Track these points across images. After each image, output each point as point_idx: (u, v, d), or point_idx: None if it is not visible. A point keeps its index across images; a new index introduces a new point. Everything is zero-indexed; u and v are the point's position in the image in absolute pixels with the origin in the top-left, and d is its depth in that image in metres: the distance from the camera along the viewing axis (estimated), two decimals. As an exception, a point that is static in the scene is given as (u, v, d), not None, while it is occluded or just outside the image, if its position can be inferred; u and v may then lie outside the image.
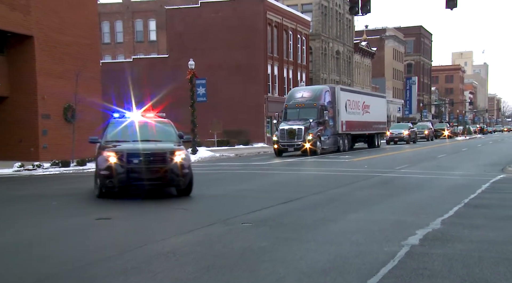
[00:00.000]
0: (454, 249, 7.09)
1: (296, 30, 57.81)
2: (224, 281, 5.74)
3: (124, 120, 13.43)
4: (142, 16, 69.05)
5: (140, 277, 5.91)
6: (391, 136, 50.00)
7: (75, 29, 29.70)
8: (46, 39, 27.98)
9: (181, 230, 8.59)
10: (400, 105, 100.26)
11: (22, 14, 26.88)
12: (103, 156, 12.02)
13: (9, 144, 27.03)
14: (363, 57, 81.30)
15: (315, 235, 8.17)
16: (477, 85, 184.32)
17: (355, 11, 22.55)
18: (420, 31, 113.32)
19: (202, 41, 50.07)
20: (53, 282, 5.83)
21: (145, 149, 11.96)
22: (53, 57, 28.27)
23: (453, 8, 21.44)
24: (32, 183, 17.95)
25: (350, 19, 74.23)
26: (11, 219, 10.33)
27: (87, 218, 10.08)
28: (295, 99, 32.46)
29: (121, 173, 11.66)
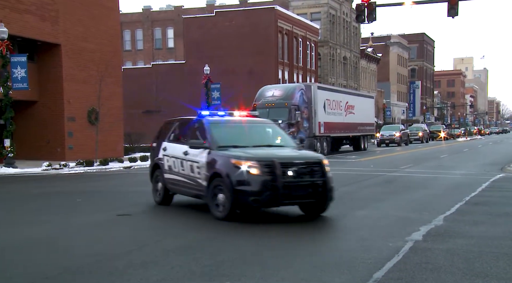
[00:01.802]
0: (455, 245, 7.01)
1: (305, 37, 57.71)
2: (237, 274, 5.72)
3: (225, 121, 10.37)
4: (161, 24, 69.36)
5: (158, 270, 5.91)
6: (382, 138, 46.00)
7: (98, 37, 29.91)
8: (72, 47, 28.21)
9: (198, 226, 8.57)
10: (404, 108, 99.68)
11: (51, 24, 27.15)
12: (232, 164, 8.62)
13: (37, 144, 27.28)
14: (369, 63, 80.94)
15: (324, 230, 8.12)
16: (477, 89, 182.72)
17: (362, 19, 22.46)
18: (423, 38, 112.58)
19: (217, 48, 50.13)
20: (76, 274, 5.84)
21: (295, 158, 8.94)
22: (78, 63, 28.50)
23: (455, 16, 21.25)
24: (59, 181, 18.07)
25: (357, 27, 73.92)
26: (39, 214, 10.40)
27: (109, 214, 10.11)
28: (264, 98, 28.37)
29: (272, 189, 8.34)
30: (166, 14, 70.21)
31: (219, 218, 8.69)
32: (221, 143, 9.37)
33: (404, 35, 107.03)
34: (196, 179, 9.44)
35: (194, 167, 9.48)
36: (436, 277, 5.58)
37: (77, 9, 28.62)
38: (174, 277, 5.64)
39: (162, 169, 10.71)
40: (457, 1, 21.10)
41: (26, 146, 26.41)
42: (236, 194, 8.43)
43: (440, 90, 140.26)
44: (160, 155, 10.90)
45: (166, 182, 10.53)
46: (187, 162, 9.74)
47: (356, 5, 22.60)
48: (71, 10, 28.28)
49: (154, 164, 11.22)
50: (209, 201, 9.00)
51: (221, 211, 8.71)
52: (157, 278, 5.58)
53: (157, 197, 10.99)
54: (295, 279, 5.56)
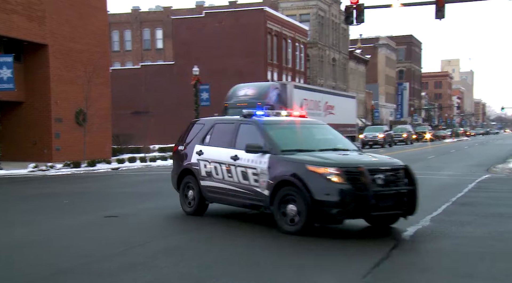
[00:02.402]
0: (442, 245, 7.07)
1: (294, 39, 57.86)
2: (225, 274, 5.72)
3: (278, 121, 9.35)
4: (150, 25, 69.13)
5: (146, 272, 5.89)
6: (365, 140, 44.50)
7: (86, 38, 29.74)
8: (60, 48, 28.02)
9: (186, 227, 8.56)
10: (392, 110, 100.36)
11: (38, 24, 26.94)
12: (309, 171, 7.61)
13: (24, 145, 27.04)
14: (357, 64, 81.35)
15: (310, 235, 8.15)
16: (464, 90, 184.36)
17: (350, 21, 22.56)
18: (411, 40, 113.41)
19: (206, 49, 50.10)
20: (65, 276, 5.80)
21: (380, 164, 8.03)
22: (65, 64, 28.30)
23: (442, 18, 21.42)
24: (46, 183, 17.93)
25: (346, 29, 74.27)
26: (25, 216, 10.31)
27: (96, 215, 10.06)
28: (236, 98, 26.66)
29: (360, 199, 7.40)
30: (155, 14, 70.00)
31: (290, 232, 7.62)
32: (284, 147, 8.35)
33: (392, 37, 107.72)
34: (252, 188, 8.31)
35: (249, 174, 8.38)
36: (423, 277, 5.63)
37: (64, 9, 28.43)
38: (163, 278, 5.63)
39: (196, 176, 9.46)
40: (444, 3, 21.29)
41: (12, 147, 26.16)
42: (315, 205, 7.39)
43: (428, 91, 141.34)
44: (192, 159, 9.62)
45: (203, 190, 9.29)
46: (238, 167, 8.59)
47: (345, 7, 22.71)
48: (59, 10, 28.08)
49: (183, 169, 9.87)
50: (276, 213, 7.87)
51: (293, 224, 7.66)
52: (146, 280, 5.57)
53: (188, 207, 9.68)
54: (284, 280, 5.57)
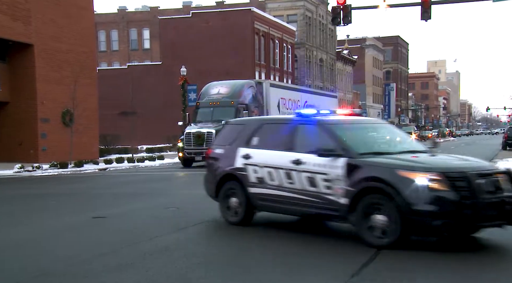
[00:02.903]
0: (430, 246, 7.11)
1: (282, 39, 57.98)
2: (213, 276, 5.70)
3: (342, 121, 8.48)
4: (136, 25, 68.83)
5: (133, 272, 5.86)
6: None
7: (72, 37, 29.52)
8: (45, 47, 27.78)
9: (173, 228, 8.52)
10: (379, 110, 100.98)
11: (23, 23, 26.69)
12: (402, 177, 6.74)
13: (10, 146, 26.76)
14: (345, 65, 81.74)
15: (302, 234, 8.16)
16: (450, 91, 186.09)
17: (337, 22, 22.66)
18: (397, 41, 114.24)
19: (194, 49, 50.00)
20: (50, 278, 5.75)
21: (483, 168, 7.14)
22: (51, 64, 28.08)
23: (428, 19, 21.61)
24: (32, 183, 17.77)
25: (333, 29, 74.59)
26: (12, 217, 10.21)
27: (84, 216, 9.98)
28: (209, 96, 25.10)
29: (467, 208, 6.53)
30: (142, 15, 69.72)
31: (379, 246, 6.75)
32: (360, 149, 7.49)
33: (379, 37, 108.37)
34: (322, 195, 7.41)
35: (318, 180, 7.46)
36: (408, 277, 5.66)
37: (50, 9, 28.20)
38: (150, 280, 5.60)
39: (243, 182, 8.42)
40: (430, 5, 21.46)
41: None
42: (413, 216, 6.52)
43: (415, 92, 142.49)
44: (237, 163, 8.57)
45: (252, 197, 8.33)
46: (302, 173, 7.67)
47: (332, 8, 22.82)
48: (44, 10, 27.84)
49: (224, 175, 8.78)
50: (359, 224, 7.03)
51: (383, 236, 6.77)
52: (132, 281, 5.53)
53: (232, 216, 8.58)
54: (271, 280, 5.57)
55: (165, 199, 12.37)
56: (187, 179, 18.06)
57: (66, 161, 23.99)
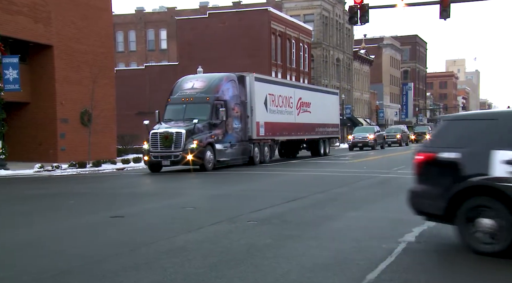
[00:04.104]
0: (448, 246, 7.02)
1: (298, 39, 57.82)
2: (230, 275, 5.70)
3: None
4: (154, 26, 69.26)
5: (150, 272, 5.88)
6: (353, 141, 41.67)
7: (91, 38, 29.81)
8: (65, 49, 28.11)
9: (189, 228, 8.55)
10: (397, 110, 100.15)
11: (44, 25, 27.05)
12: None
13: (30, 146, 27.14)
14: (362, 64, 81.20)
15: (317, 232, 8.13)
16: (469, 91, 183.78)
17: (354, 21, 22.51)
18: (415, 40, 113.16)
19: (210, 49, 50.15)
20: (68, 277, 5.79)
21: None
22: (70, 65, 28.40)
23: (447, 18, 21.37)
24: (51, 183, 17.97)
25: (350, 29, 74.15)
26: (32, 216, 10.33)
27: (102, 215, 10.06)
28: (182, 91, 22.18)
29: None
30: (159, 15, 70.15)
31: None
32: None
33: (396, 37, 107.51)
34: None
35: None
36: (429, 278, 5.59)
37: (69, 10, 28.52)
38: (167, 279, 5.62)
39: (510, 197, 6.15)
40: (449, 3, 21.21)
41: (18, 147, 26.26)
42: None
43: (433, 92, 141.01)
44: (497, 172, 6.27)
45: None
46: None
47: (349, 7, 22.67)
48: (64, 11, 28.17)
49: (468, 187, 6.49)
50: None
51: None
52: (150, 280, 5.55)
53: (485, 243, 6.37)
54: (286, 280, 5.55)
55: (182, 199, 12.43)
56: (203, 179, 18.11)
57: (85, 161, 24.23)
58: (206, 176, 18.85)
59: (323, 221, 9.03)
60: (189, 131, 19.94)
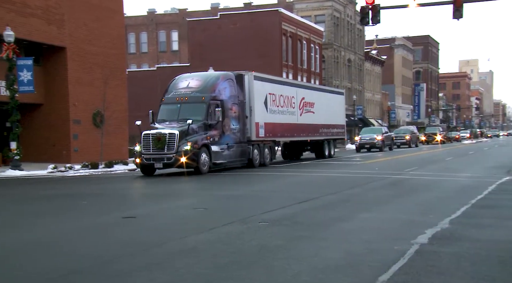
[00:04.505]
0: (462, 248, 6.95)
1: (309, 40, 57.71)
2: (242, 276, 5.70)
3: None
4: (165, 27, 69.54)
5: (162, 272, 5.89)
6: (360, 142, 40.64)
7: (103, 40, 30.01)
8: (77, 50, 28.33)
9: (201, 228, 8.56)
10: (409, 111, 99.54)
11: (57, 27, 27.30)
12: None
13: (43, 147, 27.39)
14: (373, 65, 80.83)
15: (329, 233, 8.09)
16: (483, 91, 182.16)
17: (366, 22, 22.41)
18: (428, 41, 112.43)
19: (221, 50, 50.23)
20: (80, 277, 5.82)
21: None
22: (83, 66, 28.62)
23: (460, 18, 21.20)
24: (64, 184, 18.10)
25: (361, 29, 73.86)
26: (45, 216, 10.41)
27: (114, 216, 10.11)
28: (176, 91, 21.23)
29: None
30: (171, 17, 70.41)
31: None
32: None
33: (408, 37, 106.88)
34: None
35: None
36: (442, 280, 5.54)
37: (82, 12, 28.74)
38: (179, 279, 5.62)
39: None
40: (462, 3, 21.04)
41: (32, 148, 26.52)
42: None
43: (446, 92, 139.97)
44: None
45: None
46: None
47: (361, 8, 22.59)
48: (77, 14, 28.39)
49: None
50: None
51: None
52: (162, 280, 5.56)
53: None
54: (298, 281, 5.53)
55: (194, 200, 12.46)
56: (214, 179, 18.13)
57: (97, 162, 24.38)
58: (212, 178, 18.87)
59: (335, 222, 8.99)
60: (183, 133, 18.90)
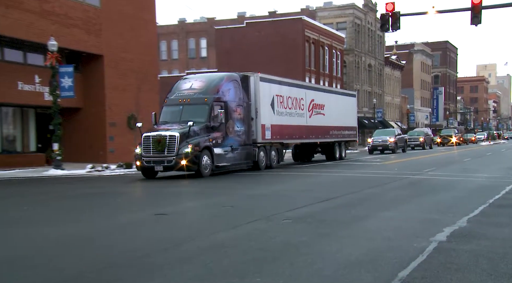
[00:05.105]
0: (479, 245, 6.84)
1: (331, 46, 57.42)
2: (267, 271, 5.72)
3: None
4: (195, 35, 70.08)
5: (193, 266, 5.95)
6: (373, 144, 39.26)
7: (137, 48, 30.45)
8: (113, 58, 28.81)
9: (229, 225, 8.61)
10: (427, 113, 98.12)
11: (95, 37, 27.83)
12: None
13: (82, 148, 27.93)
14: (393, 70, 79.95)
15: (350, 231, 8.05)
16: (500, 94, 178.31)
17: (386, 28, 22.22)
18: (446, 46, 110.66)
19: (247, 56, 50.37)
20: (116, 270, 5.92)
21: None
22: (118, 72, 29.08)
23: (478, 24, 20.84)
24: (101, 182, 18.38)
25: (381, 35, 73.16)
26: (84, 213, 10.59)
27: (147, 213, 10.23)
28: (179, 92, 20.01)
29: None
30: (200, 25, 70.91)
31: None
32: None
33: (427, 43, 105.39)
34: None
35: None
36: (460, 277, 5.46)
37: (118, 23, 29.23)
38: (208, 273, 5.68)
39: None
40: (480, 9, 20.69)
41: (72, 149, 27.07)
42: None
43: (463, 96, 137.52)
44: None
45: None
46: None
47: (381, 15, 22.39)
48: (113, 24, 28.89)
49: None
50: None
51: None
52: (192, 274, 5.62)
53: None
54: (320, 277, 5.52)
55: (222, 198, 12.52)
56: (239, 179, 18.19)
57: (131, 162, 24.69)
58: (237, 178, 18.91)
59: (356, 221, 8.93)
60: (184, 135, 17.74)
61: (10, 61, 25.73)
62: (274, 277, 5.47)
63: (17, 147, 27.60)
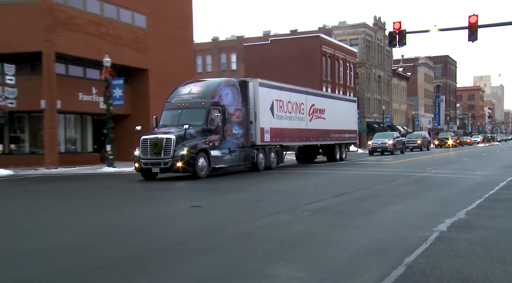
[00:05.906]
0: (476, 235, 6.65)
1: (345, 60, 56.95)
2: (288, 257, 5.67)
3: None
4: (226, 51, 70.45)
5: (222, 253, 5.94)
6: (373, 146, 37.19)
7: (177, 62, 30.82)
8: (157, 71, 29.25)
9: (255, 217, 8.59)
10: (430, 119, 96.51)
11: (142, 54, 28.33)
12: None
13: (130, 149, 28.29)
14: (400, 80, 78.81)
15: (362, 222, 7.94)
16: (494, 102, 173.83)
17: (393, 44, 21.96)
18: (446, 60, 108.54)
19: (272, 69, 50.32)
20: (155, 255, 5.92)
21: None
22: (161, 84, 29.46)
23: (474, 41, 20.38)
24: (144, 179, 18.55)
25: (389, 50, 72.20)
26: (129, 205, 10.72)
27: (183, 205, 10.27)
28: (178, 97, 18.55)
29: None
30: (231, 42, 71.26)
31: None
32: None
33: (430, 57, 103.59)
34: None
35: None
36: (459, 262, 5.32)
37: (162, 41, 29.68)
38: (238, 259, 5.66)
39: None
40: (476, 28, 20.23)
41: (122, 150, 27.51)
42: None
43: (462, 103, 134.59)
44: None
45: None
46: None
47: (389, 33, 22.13)
48: (157, 42, 29.35)
49: None
50: None
51: None
52: (222, 260, 5.61)
53: None
54: (335, 263, 5.45)
55: (248, 193, 12.51)
56: (263, 177, 18.14)
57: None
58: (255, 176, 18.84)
59: (367, 213, 8.80)
60: (180, 137, 16.41)
61: (73, 76, 26.47)
62: (295, 262, 5.42)
63: (77, 148, 28.28)
